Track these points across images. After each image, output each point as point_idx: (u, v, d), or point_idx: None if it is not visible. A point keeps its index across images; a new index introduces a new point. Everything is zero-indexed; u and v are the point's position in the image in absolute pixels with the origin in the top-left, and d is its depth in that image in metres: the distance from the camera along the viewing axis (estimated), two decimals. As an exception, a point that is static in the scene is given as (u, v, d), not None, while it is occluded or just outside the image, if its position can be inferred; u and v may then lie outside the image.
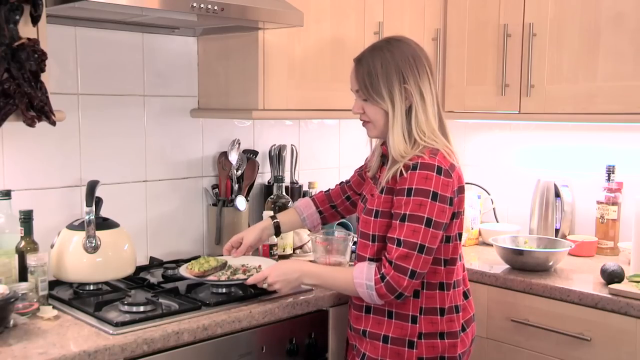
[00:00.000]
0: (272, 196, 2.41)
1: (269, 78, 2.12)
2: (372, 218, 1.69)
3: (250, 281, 1.77)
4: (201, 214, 2.42)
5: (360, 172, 2.00)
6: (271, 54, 2.13)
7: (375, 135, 1.76)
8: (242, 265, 1.96)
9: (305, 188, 2.63)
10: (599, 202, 2.47)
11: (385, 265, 1.60)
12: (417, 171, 1.60)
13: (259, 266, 1.93)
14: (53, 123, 1.67)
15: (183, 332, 1.63)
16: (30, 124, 1.63)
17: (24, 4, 1.60)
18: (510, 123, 2.79)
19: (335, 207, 2.06)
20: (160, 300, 1.77)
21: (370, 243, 1.70)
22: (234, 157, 2.34)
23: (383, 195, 1.68)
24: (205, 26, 2.18)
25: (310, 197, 2.11)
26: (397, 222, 1.61)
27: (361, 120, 1.76)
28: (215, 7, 1.78)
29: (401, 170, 1.62)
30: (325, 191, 2.09)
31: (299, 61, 2.21)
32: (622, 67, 2.17)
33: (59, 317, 1.68)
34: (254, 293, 1.88)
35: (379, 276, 1.60)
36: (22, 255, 1.79)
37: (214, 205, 2.38)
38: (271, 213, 2.26)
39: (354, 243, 1.98)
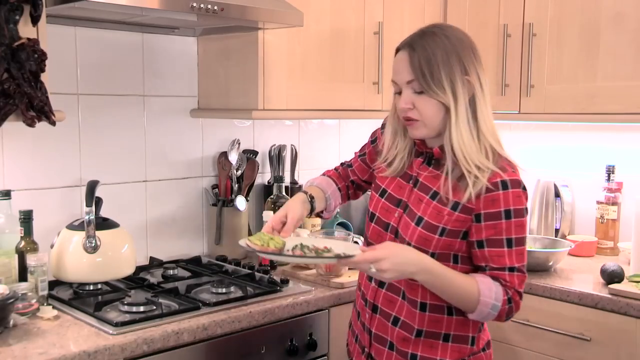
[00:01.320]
0: (272, 196, 2.41)
1: (268, 78, 2.12)
2: (437, 236, 1.46)
3: (359, 259, 1.39)
4: (201, 214, 2.42)
5: (364, 159, 1.77)
6: (271, 54, 2.13)
7: (423, 135, 1.51)
8: (314, 246, 1.54)
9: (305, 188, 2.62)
10: (598, 202, 2.47)
11: (511, 291, 1.45)
12: (510, 190, 1.43)
13: (343, 253, 1.47)
14: (53, 123, 1.67)
15: (183, 332, 1.63)
16: (30, 124, 1.63)
17: (23, 4, 1.60)
18: (510, 123, 2.79)
19: (347, 188, 1.82)
20: (160, 300, 1.76)
21: None
22: (234, 157, 2.35)
23: (456, 213, 1.45)
24: (205, 26, 2.18)
25: (324, 175, 1.82)
26: (505, 249, 1.44)
27: (406, 117, 1.49)
28: (215, 7, 1.78)
29: (488, 188, 1.42)
30: (335, 169, 1.84)
31: (299, 61, 2.21)
32: (622, 67, 2.18)
33: (59, 317, 1.68)
34: (254, 293, 1.88)
35: (506, 298, 1.44)
36: (22, 255, 1.79)
37: (214, 205, 2.38)
38: (271, 213, 2.27)
39: (355, 242, 1.97)
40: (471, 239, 1.47)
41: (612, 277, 2.01)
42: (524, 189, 1.47)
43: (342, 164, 1.84)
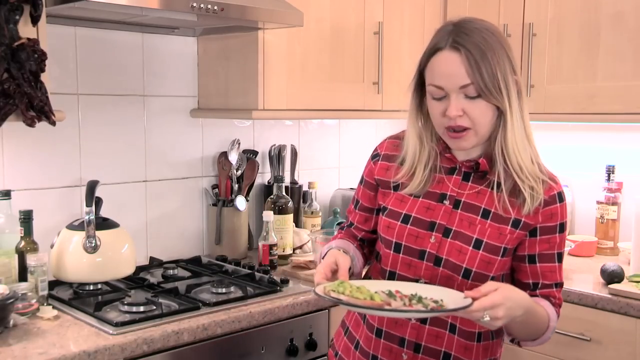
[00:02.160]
0: (272, 196, 2.41)
1: (268, 78, 2.12)
2: (499, 257, 1.34)
3: (476, 308, 1.18)
4: (201, 214, 2.42)
5: (361, 206, 1.52)
6: (271, 54, 2.13)
7: (474, 145, 1.34)
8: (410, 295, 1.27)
9: (305, 188, 2.63)
10: (598, 202, 2.47)
11: (558, 309, 1.41)
12: (564, 202, 1.36)
13: (441, 300, 1.24)
14: (53, 123, 1.67)
15: (183, 332, 1.63)
16: (30, 124, 1.63)
17: (23, 4, 1.60)
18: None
19: (362, 247, 1.54)
20: (160, 300, 1.77)
21: (478, 282, 1.31)
22: (233, 157, 2.35)
23: (518, 231, 1.34)
24: (205, 26, 2.18)
25: (336, 239, 1.54)
26: (557, 263, 1.38)
27: (454, 127, 1.31)
28: (215, 7, 1.78)
29: (546, 201, 1.33)
30: (339, 234, 1.57)
31: (299, 61, 2.21)
32: (621, 66, 2.17)
33: (59, 317, 1.68)
34: (254, 293, 1.88)
35: (557, 317, 1.41)
36: (22, 255, 1.79)
37: (214, 205, 2.38)
38: (271, 213, 2.27)
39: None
40: (520, 253, 1.37)
41: (612, 277, 2.01)
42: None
43: (341, 229, 1.59)
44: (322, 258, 1.41)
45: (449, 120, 1.31)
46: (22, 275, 1.78)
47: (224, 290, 1.90)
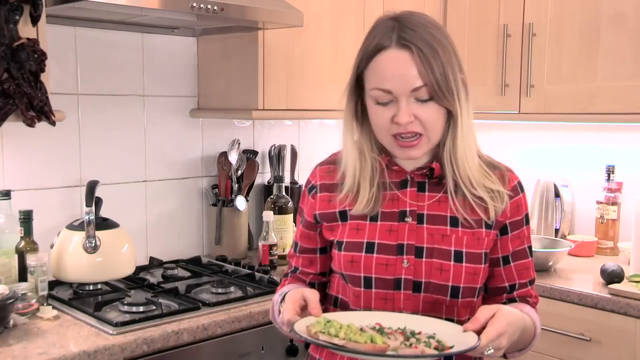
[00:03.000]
0: (272, 196, 2.41)
1: (268, 78, 2.12)
2: (483, 265, 1.23)
3: (483, 345, 1.08)
4: (201, 214, 2.43)
5: (303, 248, 1.35)
6: (271, 54, 2.13)
7: (425, 153, 1.22)
8: (400, 329, 1.16)
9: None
10: (598, 202, 2.47)
11: (536, 307, 1.32)
12: (524, 192, 1.28)
13: (434, 334, 1.14)
14: (53, 123, 1.67)
15: (183, 332, 1.63)
16: (30, 124, 1.64)
17: (23, 4, 1.60)
18: (510, 123, 2.79)
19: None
20: (160, 300, 1.77)
21: (468, 299, 1.22)
22: (233, 157, 2.35)
23: (493, 231, 1.24)
24: (204, 26, 2.18)
25: (284, 286, 1.36)
26: (529, 259, 1.30)
27: (404, 134, 1.18)
28: (215, 7, 1.78)
29: (509, 194, 1.24)
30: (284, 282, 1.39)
31: (299, 61, 2.21)
32: (621, 67, 2.18)
33: (59, 317, 1.69)
34: (254, 293, 1.88)
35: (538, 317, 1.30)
36: (21, 255, 1.79)
37: (214, 205, 2.39)
38: (271, 213, 2.27)
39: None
40: (494, 256, 1.26)
41: (612, 277, 2.01)
42: None
43: (285, 276, 1.41)
44: (281, 303, 1.22)
45: (397, 127, 1.17)
46: (22, 276, 1.78)
47: (223, 290, 1.90)
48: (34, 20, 1.63)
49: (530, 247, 1.30)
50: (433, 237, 1.22)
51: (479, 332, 1.09)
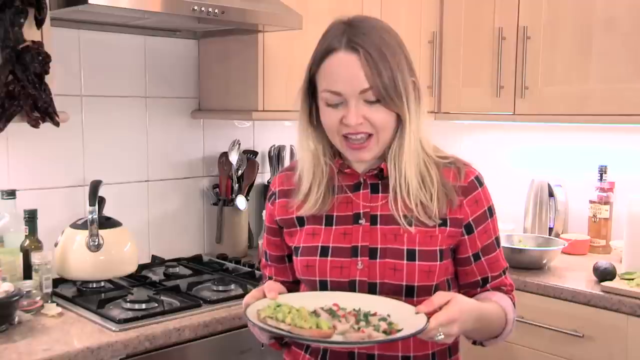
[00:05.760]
0: (271, 196, 2.43)
1: (268, 80, 2.14)
2: (438, 262, 1.21)
3: (433, 327, 1.08)
4: (202, 213, 2.45)
5: (276, 257, 1.38)
6: (271, 56, 2.15)
7: (376, 155, 1.23)
8: (355, 311, 1.16)
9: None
10: (591, 202, 2.50)
11: (511, 294, 1.32)
12: (485, 185, 1.28)
13: (388, 315, 1.14)
14: (57, 124, 1.69)
15: (184, 329, 1.65)
16: (35, 125, 1.66)
17: (28, 8, 1.62)
18: (505, 124, 2.81)
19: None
20: (162, 297, 1.79)
21: (424, 298, 1.17)
22: (234, 158, 2.37)
23: (448, 229, 1.23)
24: (205, 29, 2.20)
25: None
26: (498, 251, 1.29)
27: (353, 134, 1.19)
28: (216, 10, 1.80)
29: (465, 189, 1.24)
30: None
31: (298, 63, 2.21)
32: (614, 69, 2.20)
33: (63, 314, 1.71)
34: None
35: (513, 304, 1.30)
36: (26, 253, 1.81)
37: (215, 204, 2.41)
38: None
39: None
40: (464, 255, 1.27)
41: (604, 274, 2.03)
42: None
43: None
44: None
45: (347, 128, 1.18)
46: (27, 273, 1.79)
47: (224, 288, 1.92)
48: (39, 23, 1.64)
49: (497, 238, 1.30)
50: (386, 237, 1.22)
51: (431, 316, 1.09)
